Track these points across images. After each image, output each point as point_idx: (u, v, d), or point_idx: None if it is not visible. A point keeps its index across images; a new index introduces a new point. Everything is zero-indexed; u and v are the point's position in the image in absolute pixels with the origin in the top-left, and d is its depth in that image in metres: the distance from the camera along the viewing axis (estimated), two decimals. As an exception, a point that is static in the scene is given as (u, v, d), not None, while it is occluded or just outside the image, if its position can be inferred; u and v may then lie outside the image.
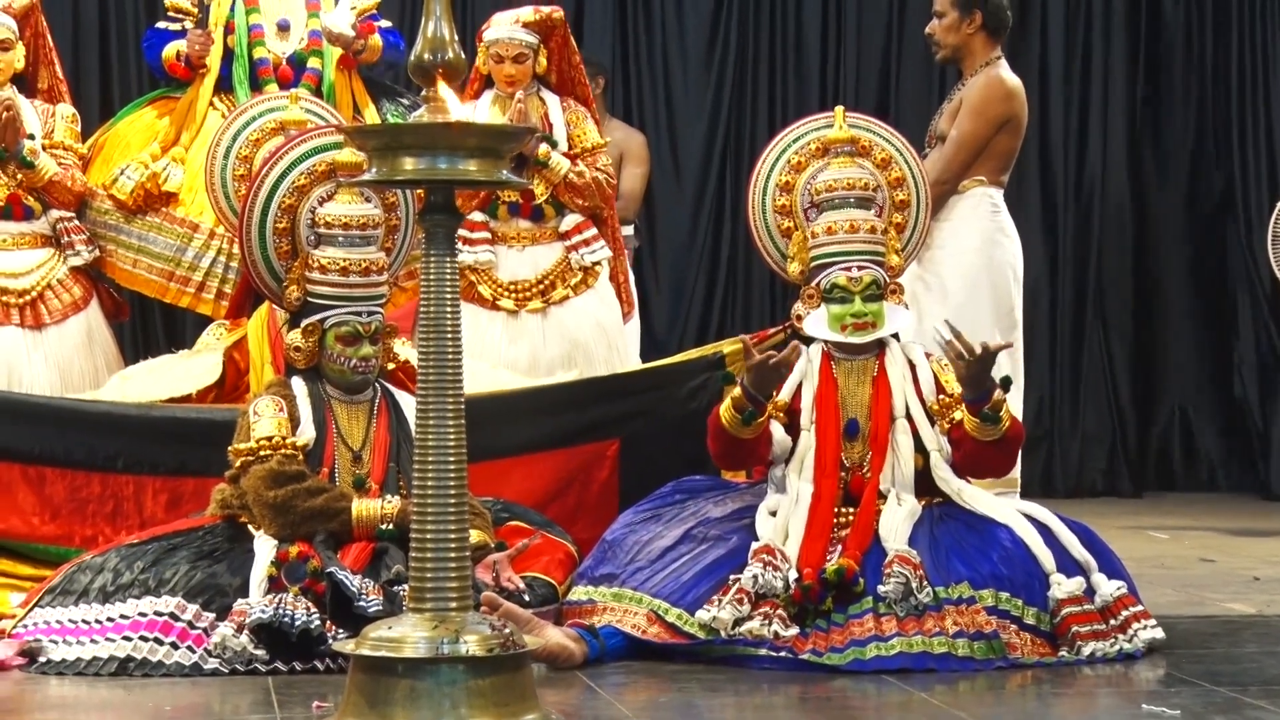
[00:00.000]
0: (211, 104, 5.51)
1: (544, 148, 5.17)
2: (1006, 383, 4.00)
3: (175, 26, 5.55)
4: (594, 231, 5.28)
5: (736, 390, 4.00)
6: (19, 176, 5.12)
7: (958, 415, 3.99)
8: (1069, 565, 3.84)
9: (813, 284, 4.16)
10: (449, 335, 2.87)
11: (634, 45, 7.57)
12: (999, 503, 4.05)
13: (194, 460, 4.27)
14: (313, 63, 5.57)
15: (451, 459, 2.85)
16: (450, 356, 2.87)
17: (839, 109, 4.33)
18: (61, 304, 5.16)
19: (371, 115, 5.60)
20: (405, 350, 4.32)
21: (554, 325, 5.20)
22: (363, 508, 3.87)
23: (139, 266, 5.37)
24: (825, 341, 4.14)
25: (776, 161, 4.33)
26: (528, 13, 5.29)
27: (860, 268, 4.11)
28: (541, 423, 4.55)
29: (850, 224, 4.15)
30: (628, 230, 6.35)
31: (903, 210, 4.31)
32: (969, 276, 5.24)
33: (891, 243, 4.22)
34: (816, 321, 4.12)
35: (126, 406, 4.49)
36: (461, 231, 5.16)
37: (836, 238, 4.15)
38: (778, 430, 4.07)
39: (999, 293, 5.28)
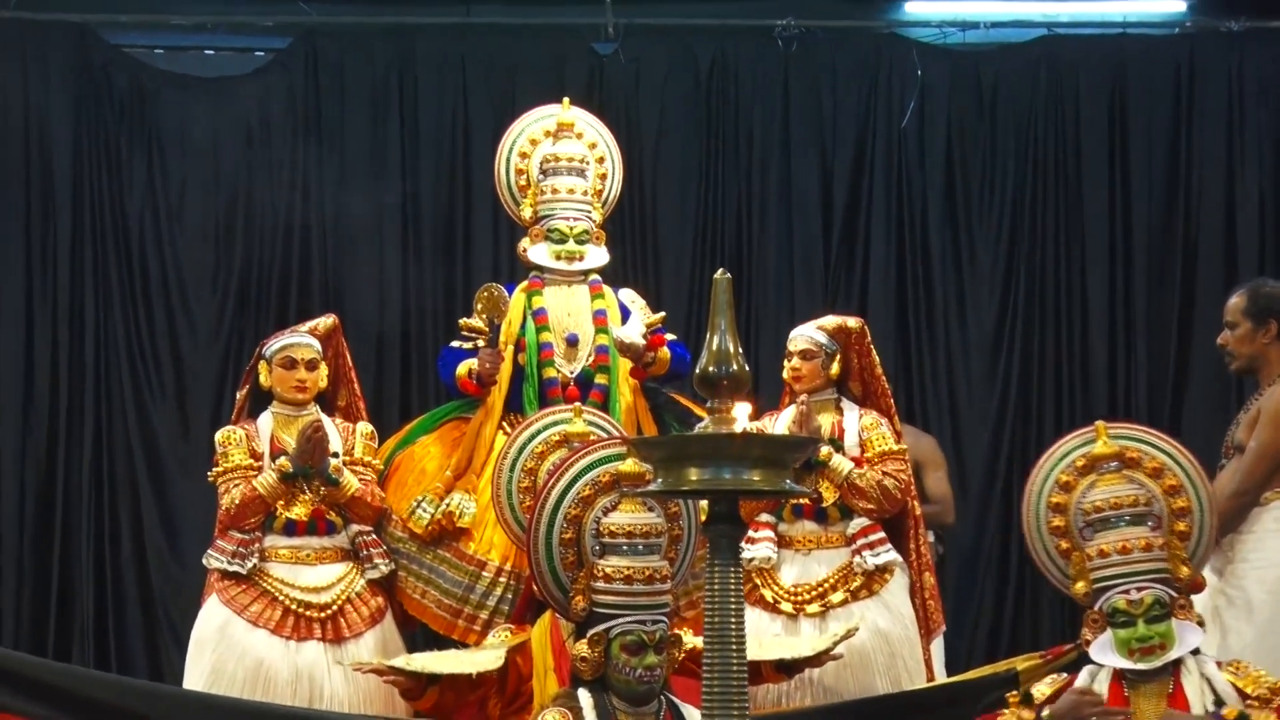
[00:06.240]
0: (501, 427, 5.59)
1: (825, 449, 5.19)
2: None
3: (468, 345, 5.68)
4: (880, 535, 5.22)
5: (1030, 716, 3.89)
6: (322, 492, 5.29)
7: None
8: None
9: (1095, 608, 4.06)
10: (734, 645, 2.86)
11: (917, 350, 7.59)
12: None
13: None
14: (599, 379, 5.68)
15: (735, 773, 2.80)
16: (735, 666, 2.85)
17: (1099, 424, 4.24)
18: (360, 618, 5.25)
19: (655, 426, 5.69)
20: (693, 639, 4.29)
21: (832, 630, 5.11)
22: (646, 823, 3.82)
23: (427, 598, 5.42)
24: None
25: (1046, 481, 4.28)
26: (827, 320, 5.44)
27: (1140, 589, 4.00)
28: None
29: (1123, 544, 4.04)
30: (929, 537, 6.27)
31: (1184, 517, 4.17)
32: (1276, 591, 5.02)
33: (1176, 553, 4.09)
34: (1103, 647, 4.01)
35: None
36: (747, 532, 5.19)
37: (1111, 560, 4.06)
38: None
39: (1308, 608, 5.04)
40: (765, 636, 5.07)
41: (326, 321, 5.50)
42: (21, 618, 7.16)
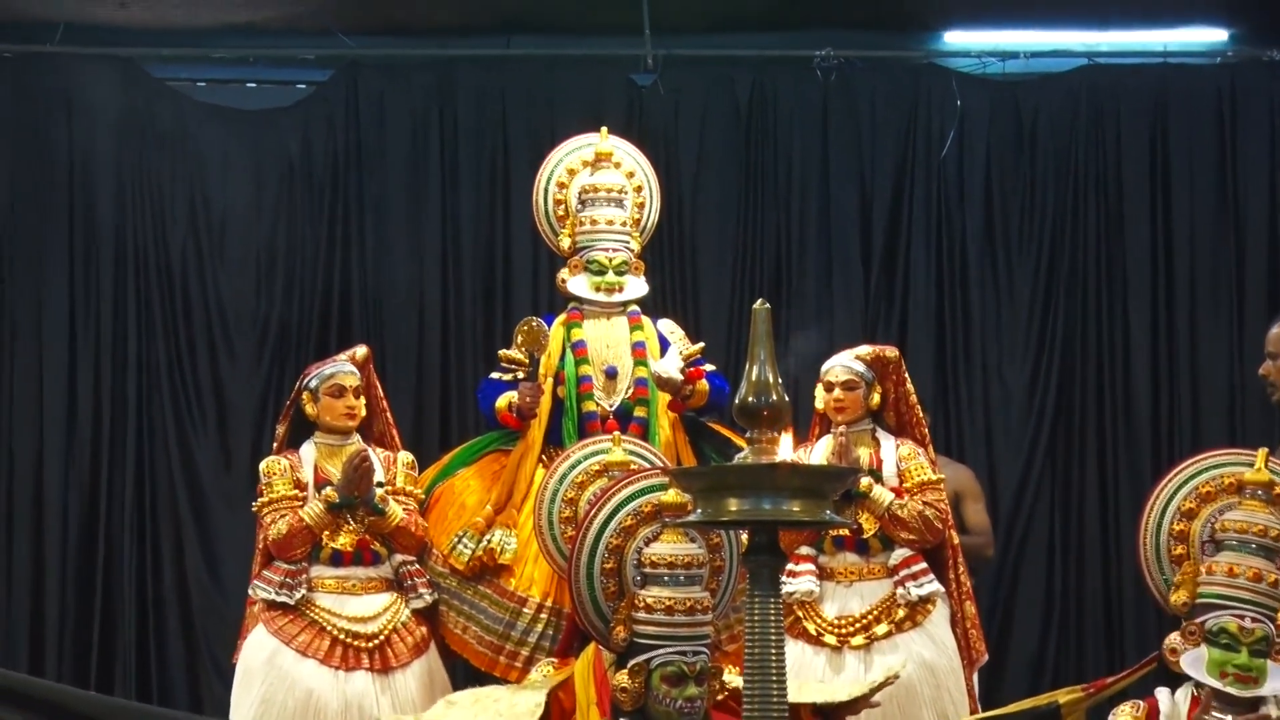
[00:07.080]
0: (541, 461, 5.58)
1: (865, 480, 5.17)
2: None
3: (507, 377, 5.65)
4: (923, 565, 5.20)
5: None
6: (367, 522, 5.30)
7: None
8: None
9: (1196, 621, 4.00)
10: (774, 676, 2.84)
11: (954, 380, 7.56)
12: None
13: None
14: (638, 412, 5.65)
15: (777, 805, 2.79)
16: (775, 699, 2.83)
17: (1263, 450, 4.18)
18: (406, 647, 5.26)
19: (694, 458, 5.67)
20: (735, 679, 4.28)
21: (876, 662, 5.07)
22: None
23: (468, 634, 5.42)
24: (1198, 685, 3.96)
25: (1184, 485, 4.20)
26: (864, 349, 5.42)
27: (1255, 619, 3.94)
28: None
29: (1254, 571, 3.97)
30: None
31: None
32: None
33: None
34: (1194, 661, 3.95)
35: None
36: (788, 565, 5.16)
37: (1237, 581, 3.97)
38: None
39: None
40: (806, 675, 5.04)
41: (361, 351, 5.52)
42: (64, 648, 7.20)
